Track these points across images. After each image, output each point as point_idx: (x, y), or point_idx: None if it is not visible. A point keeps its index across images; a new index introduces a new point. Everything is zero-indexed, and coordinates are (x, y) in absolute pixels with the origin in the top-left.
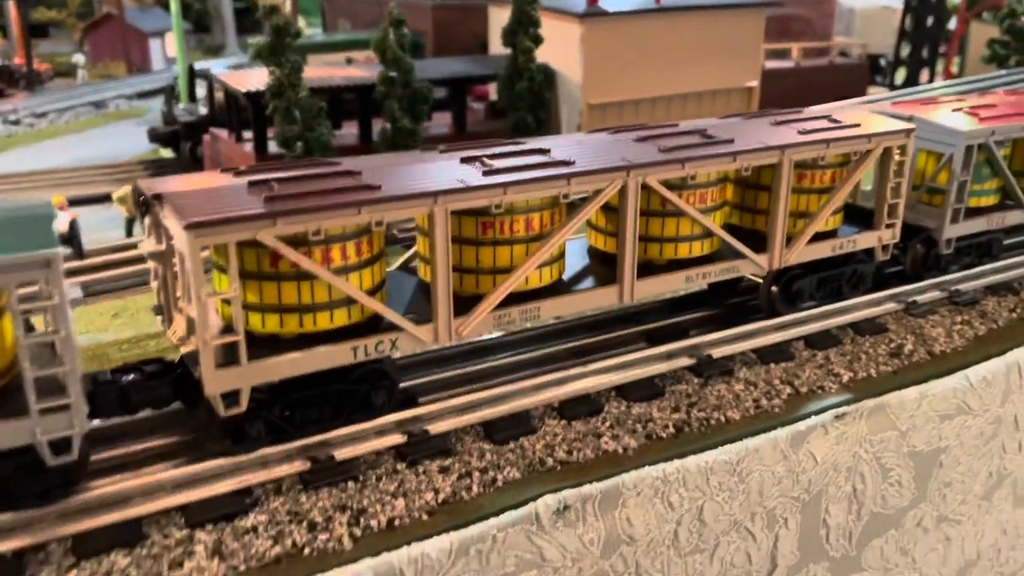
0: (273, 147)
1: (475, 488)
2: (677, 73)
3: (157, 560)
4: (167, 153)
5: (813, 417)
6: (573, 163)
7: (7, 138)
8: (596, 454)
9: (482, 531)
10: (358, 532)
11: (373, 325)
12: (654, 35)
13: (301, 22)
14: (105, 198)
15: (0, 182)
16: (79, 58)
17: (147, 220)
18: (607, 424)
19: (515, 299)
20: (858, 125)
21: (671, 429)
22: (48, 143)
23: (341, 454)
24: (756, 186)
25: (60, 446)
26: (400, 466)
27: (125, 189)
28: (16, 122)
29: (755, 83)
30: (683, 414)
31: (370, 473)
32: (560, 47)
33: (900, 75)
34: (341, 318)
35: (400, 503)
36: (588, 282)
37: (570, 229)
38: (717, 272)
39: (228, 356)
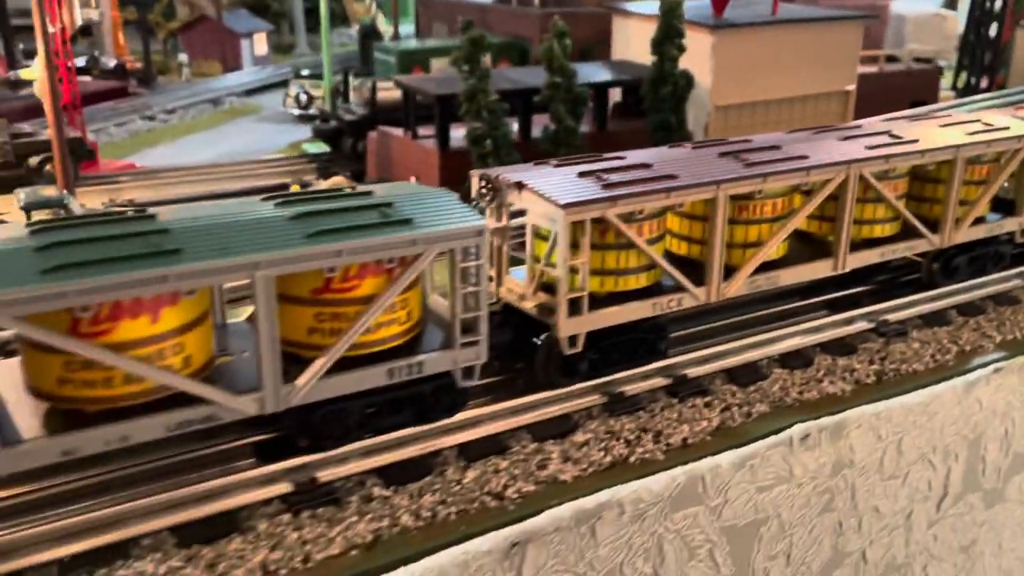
0: (453, 143)
1: (737, 418)
2: (789, 78)
3: (526, 463)
4: (311, 148)
5: (978, 370)
6: (807, 158)
7: (148, 133)
8: (821, 395)
9: (753, 450)
10: (663, 447)
11: (658, 288)
12: (771, 44)
13: (384, 25)
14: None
15: (178, 174)
16: (183, 58)
17: (492, 203)
18: (822, 372)
19: (760, 268)
20: (1007, 128)
21: (872, 377)
22: (188, 138)
23: (630, 390)
24: (929, 179)
25: (468, 372)
26: (673, 401)
27: (338, 179)
28: (151, 118)
29: (853, 87)
30: (878, 365)
31: (653, 406)
32: (690, 54)
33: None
34: (643, 280)
35: (685, 428)
36: (806, 256)
37: (808, 210)
38: (902, 249)
39: (574, 309)
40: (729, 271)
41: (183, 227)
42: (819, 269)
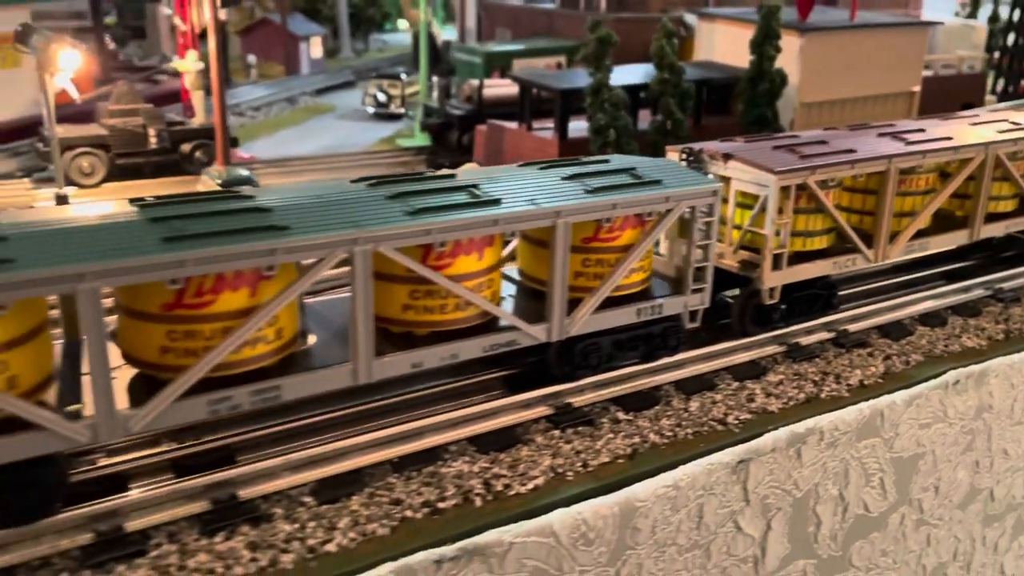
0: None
1: (898, 365)
2: (864, 78)
3: (736, 396)
4: (404, 142)
5: None
6: (952, 139)
7: (241, 128)
8: (962, 348)
9: (918, 391)
10: (845, 387)
11: (834, 249)
12: (850, 46)
13: (438, 29)
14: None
15: (302, 164)
16: (252, 59)
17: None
18: (958, 330)
19: (913, 236)
20: None
21: (1001, 335)
22: (282, 133)
23: (805, 341)
24: None
25: (692, 316)
26: (841, 351)
27: (471, 164)
28: (241, 114)
29: (918, 88)
30: (1004, 325)
31: (826, 354)
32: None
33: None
34: (824, 242)
35: (858, 372)
36: (945, 228)
37: (956, 183)
38: (1021, 223)
39: (775, 264)
40: (890, 237)
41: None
42: (958, 238)
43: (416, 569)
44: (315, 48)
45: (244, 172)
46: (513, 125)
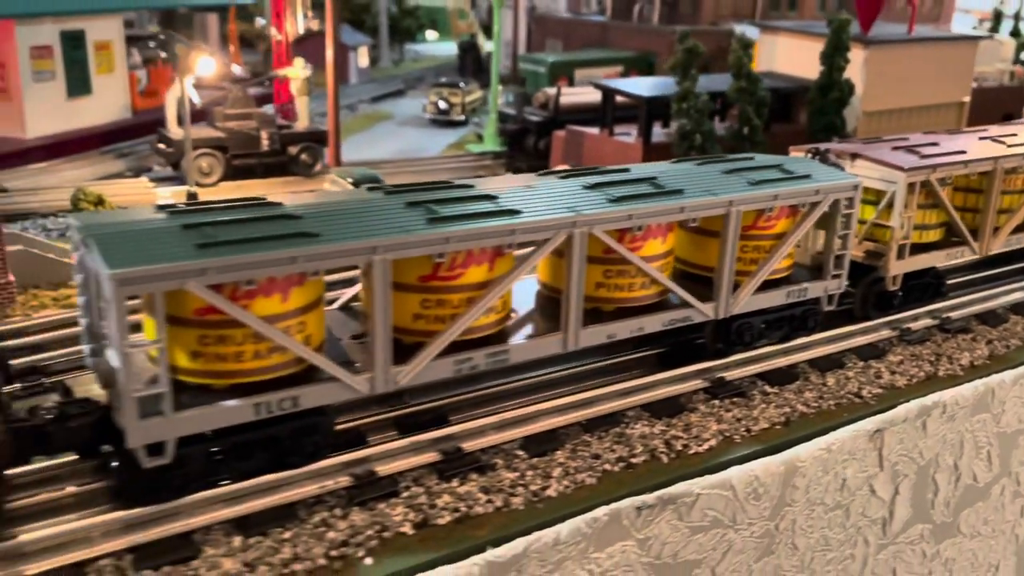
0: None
1: (1000, 349)
2: (920, 88)
3: (865, 373)
4: (473, 148)
5: None
6: None
7: None
8: None
9: (1014, 375)
10: (959, 367)
11: (944, 242)
12: (909, 58)
13: (482, 40)
14: None
15: (393, 166)
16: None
17: None
18: None
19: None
20: None
21: None
22: (352, 138)
23: (914, 326)
24: None
25: (830, 300)
26: (947, 336)
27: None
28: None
29: (967, 98)
30: None
31: (933, 338)
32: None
33: None
34: (936, 235)
35: (967, 354)
36: None
37: None
38: None
39: (899, 254)
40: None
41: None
42: None
43: (622, 513)
44: (362, 58)
45: (372, 172)
46: (593, 130)
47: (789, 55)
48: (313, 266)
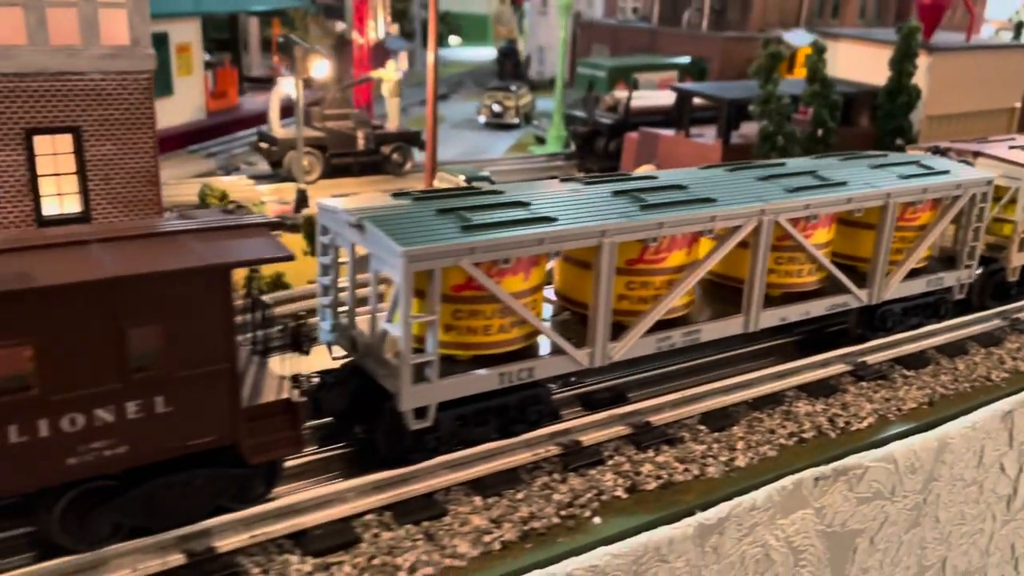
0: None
1: None
2: (976, 94)
3: (989, 358)
4: (536, 149)
5: None
6: None
7: None
8: None
9: None
10: None
11: None
12: (968, 65)
13: (522, 46)
14: None
15: (469, 166)
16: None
17: None
18: None
19: None
20: None
21: None
22: None
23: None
24: None
25: (960, 288)
26: None
27: (648, 166)
28: None
29: (1019, 104)
30: None
31: None
32: None
33: None
34: None
35: None
36: None
37: None
38: None
39: (1021, 246)
40: None
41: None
42: None
43: (803, 483)
44: (403, 62)
45: (483, 172)
46: (668, 132)
47: (849, 61)
48: (556, 247)
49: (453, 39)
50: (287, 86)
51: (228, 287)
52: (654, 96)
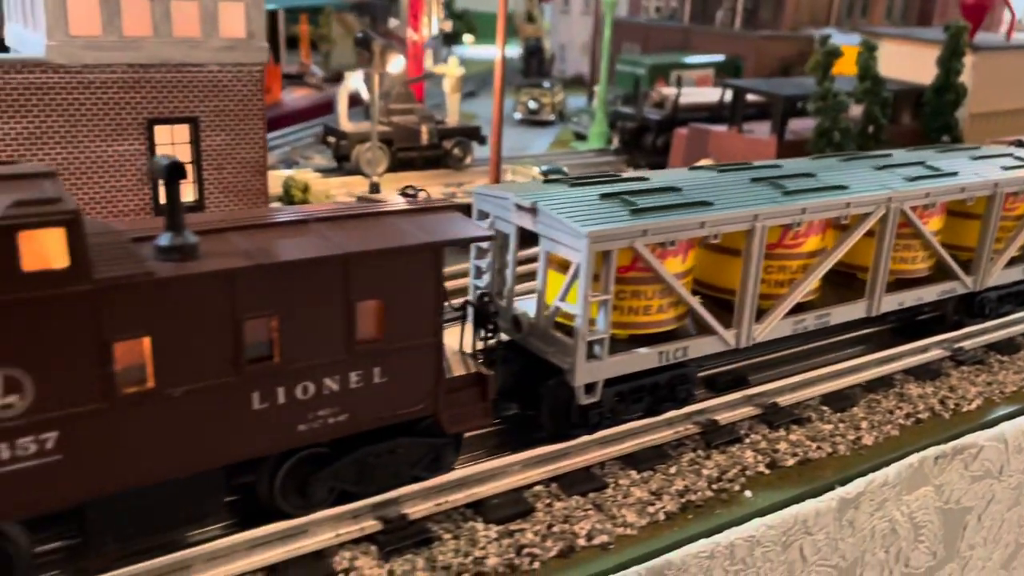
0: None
1: None
2: (1018, 92)
3: None
4: (582, 145)
5: None
6: None
7: None
8: None
9: None
10: None
11: None
12: (1011, 63)
13: (548, 44)
14: None
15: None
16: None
17: None
18: None
19: None
20: None
21: None
22: None
23: None
24: None
25: None
26: None
27: (707, 160)
28: None
29: None
30: None
31: None
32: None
33: None
34: None
35: None
36: None
37: None
38: None
39: None
40: None
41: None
42: None
43: (926, 461)
44: (428, 59)
45: (558, 165)
46: (719, 128)
47: (890, 59)
48: (715, 230)
49: (467, 37)
50: (355, 81)
51: (441, 265)
52: (699, 93)
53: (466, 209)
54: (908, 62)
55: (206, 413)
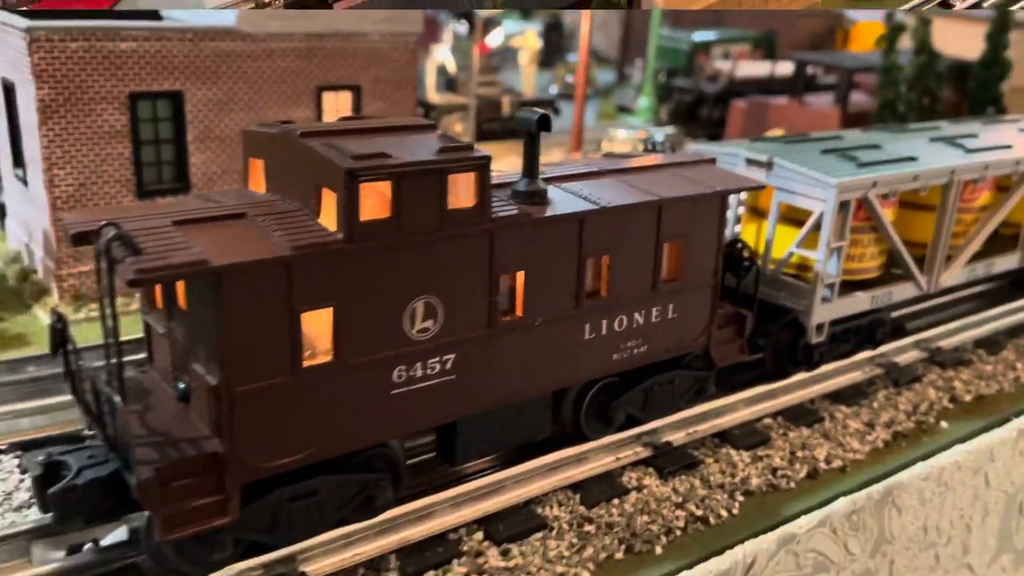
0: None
1: None
2: None
3: None
4: (631, 119)
5: None
6: None
7: None
8: None
9: None
10: None
11: None
12: None
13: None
14: None
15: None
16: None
17: None
18: None
19: None
20: None
21: None
22: None
23: None
24: None
25: None
26: None
27: (776, 130)
28: None
29: None
30: None
31: None
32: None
33: None
34: None
35: None
36: None
37: None
38: None
39: None
40: None
41: None
42: None
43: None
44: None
45: (660, 134)
46: (779, 100)
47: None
48: (925, 183)
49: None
50: (443, 54)
51: (725, 211)
52: (751, 66)
53: None
54: (949, 37)
55: (552, 341)
